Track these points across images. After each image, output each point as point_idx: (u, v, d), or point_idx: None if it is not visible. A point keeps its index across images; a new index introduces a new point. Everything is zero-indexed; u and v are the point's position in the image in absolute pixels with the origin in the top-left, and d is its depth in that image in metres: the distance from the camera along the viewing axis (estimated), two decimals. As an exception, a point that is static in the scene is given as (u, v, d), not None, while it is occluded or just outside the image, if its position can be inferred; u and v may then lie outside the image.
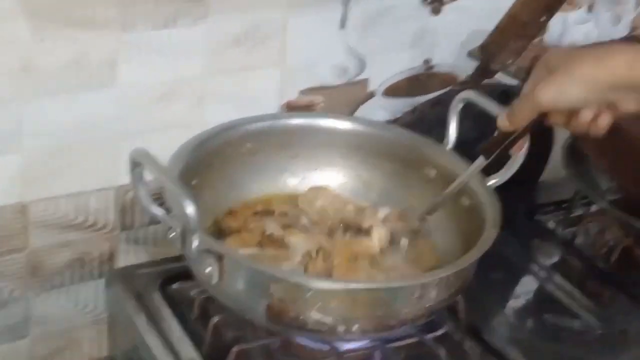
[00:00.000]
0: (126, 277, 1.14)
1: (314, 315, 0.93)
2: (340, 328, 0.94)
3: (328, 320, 0.93)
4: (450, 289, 0.98)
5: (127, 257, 1.18)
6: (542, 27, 1.21)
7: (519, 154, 1.05)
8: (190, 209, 0.88)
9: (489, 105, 1.10)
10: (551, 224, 1.35)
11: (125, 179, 1.11)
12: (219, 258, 0.93)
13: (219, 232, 1.09)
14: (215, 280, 0.94)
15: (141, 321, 1.07)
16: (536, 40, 1.36)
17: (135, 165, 0.93)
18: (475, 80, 1.27)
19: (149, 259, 1.18)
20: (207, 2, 1.09)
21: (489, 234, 1.00)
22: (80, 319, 1.18)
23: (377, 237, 1.08)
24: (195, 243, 0.90)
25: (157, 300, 1.10)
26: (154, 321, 1.07)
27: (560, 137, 1.36)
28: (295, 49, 1.18)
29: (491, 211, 1.04)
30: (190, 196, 0.89)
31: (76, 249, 1.14)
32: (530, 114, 0.98)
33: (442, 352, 1.02)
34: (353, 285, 0.96)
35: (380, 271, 1.04)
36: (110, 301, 1.15)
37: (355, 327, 0.94)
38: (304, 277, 0.98)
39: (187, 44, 1.11)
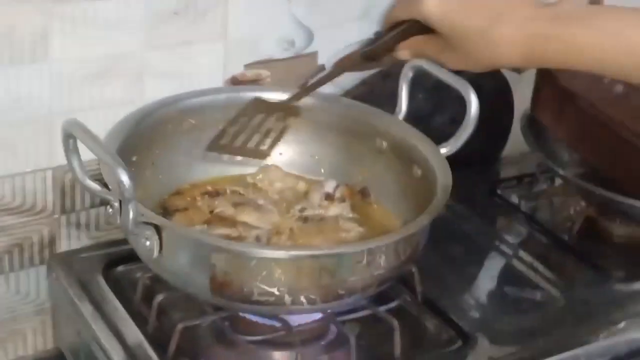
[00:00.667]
0: (68, 262, 1.14)
1: (259, 286, 0.92)
2: (287, 299, 0.93)
3: (274, 290, 0.93)
4: (400, 257, 0.98)
5: (69, 242, 1.18)
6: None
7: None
8: (124, 176, 0.88)
9: (441, 73, 1.11)
10: (514, 199, 1.35)
11: (63, 159, 1.11)
12: (158, 230, 0.93)
13: (165, 212, 1.08)
14: (155, 254, 0.94)
15: (84, 306, 1.07)
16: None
17: (68, 136, 0.93)
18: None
19: (91, 244, 1.18)
20: (142, -28, 1.10)
21: (440, 199, 1.00)
22: (22, 308, 1.18)
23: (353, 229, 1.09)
24: (131, 214, 0.90)
25: (101, 284, 1.10)
26: (98, 305, 1.07)
27: (520, 110, 1.37)
28: (239, 21, 1.18)
29: (442, 177, 1.04)
30: (123, 165, 0.89)
31: (14, 234, 1.14)
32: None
33: (395, 324, 1.02)
34: (295, 252, 0.96)
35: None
36: (53, 287, 1.14)
37: (302, 298, 0.94)
38: (245, 245, 0.98)
39: (124, 15, 1.11)
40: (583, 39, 0.89)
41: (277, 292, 0.93)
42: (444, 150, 1.09)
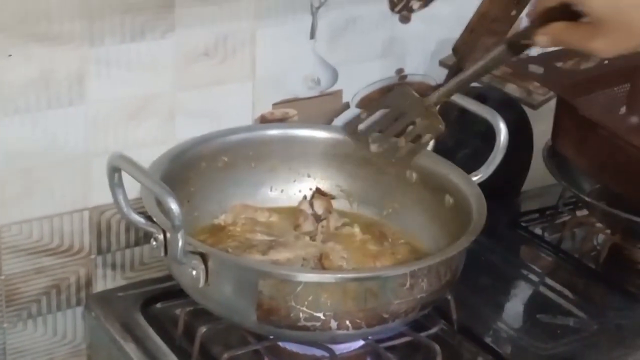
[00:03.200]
0: (107, 301, 1.15)
1: (306, 311, 0.94)
2: (333, 324, 0.95)
3: (320, 315, 0.95)
4: (441, 280, 1.00)
5: (104, 283, 1.19)
6: (512, 22, 1.25)
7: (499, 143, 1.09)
8: (173, 204, 0.90)
9: (469, 103, 1.15)
10: (537, 231, 1.38)
11: (98, 199, 1.14)
12: (205, 259, 0.95)
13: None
14: (202, 283, 0.96)
15: (127, 344, 1.08)
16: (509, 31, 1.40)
17: (113, 170, 0.95)
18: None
19: (126, 283, 1.20)
20: (173, 15, 1.13)
21: (477, 222, 1.02)
22: (59, 350, 1.19)
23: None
24: (180, 242, 0.92)
25: (141, 321, 1.12)
26: (140, 343, 1.08)
27: (539, 147, 1.40)
28: (266, 61, 1.21)
29: (476, 204, 1.07)
30: (172, 193, 0.91)
31: (52, 275, 1.15)
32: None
33: (437, 348, 1.04)
34: (342, 276, 0.98)
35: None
36: (91, 327, 1.16)
37: (347, 322, 0.96)
38: (293, 269, 1.00)
39: (156, 57, 1.14)
40: None
41: (323, 317, 0.95)
42: (475, 178, 1.12)
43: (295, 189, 1.21)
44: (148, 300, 1.15)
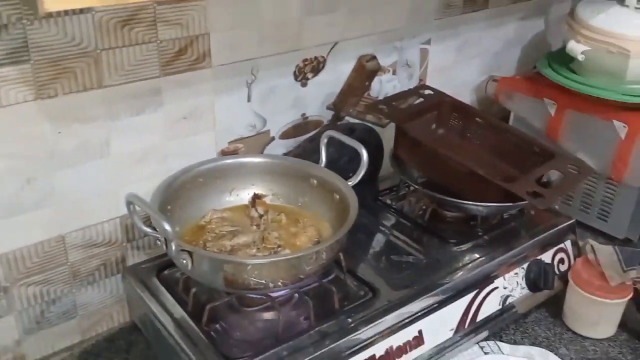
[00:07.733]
0: (134, 271, 1.08)
1: (254, 280, 0.89)
2: (271, 285, 0.91)
3: (262, 281, 0.90)
4: (334, 251, 0.96)
5: (133, 259, 1.12)
6: (367, 89, 1.20)
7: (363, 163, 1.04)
8: (167, 227, 0.84)
9: (344, 138, 1.09)
10: (388, 201, 1.34)
11: (125, 211, 1.05)
12: (190, 254, 0.89)
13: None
14: (189, 267, 0.90)
15: (147, 297, 1.03)
16: (365, 93, 1.36)
17: (129, 204, 0.89)
18: (333, 123, 1.26)
19: (147, 258, 1.12)
20: (161, 97, 1.05)
21: (351, 218, 0.98)
22: (109, 300, 1.12)
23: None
24: (174, 248, 0.86)
25: (155, 282, 1.06)
26: (155, 296, 1.03)
27: (387, 149, 1.35)
28: (222, 118, 1.14)
29: (352, 201, 1.02)
30: (166, 220, 0.85)
31: (101, 258, 1.08)
32: None
33: (334, 289, 1.00)
34: (273, 258, 0.93)
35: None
36: (127, 287, 1.09)
37: (279, 283, 0.91)
38: (244, 258, 0.94)
39: (153, 122, 1.06)
40: None
41: (264, 282, 0.90)
42: (350, 183, 1.07)
43: (245, 193, 1.14)
44: (160, 269, 1.08)
